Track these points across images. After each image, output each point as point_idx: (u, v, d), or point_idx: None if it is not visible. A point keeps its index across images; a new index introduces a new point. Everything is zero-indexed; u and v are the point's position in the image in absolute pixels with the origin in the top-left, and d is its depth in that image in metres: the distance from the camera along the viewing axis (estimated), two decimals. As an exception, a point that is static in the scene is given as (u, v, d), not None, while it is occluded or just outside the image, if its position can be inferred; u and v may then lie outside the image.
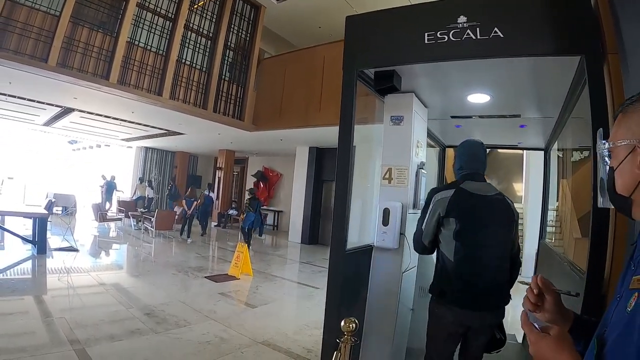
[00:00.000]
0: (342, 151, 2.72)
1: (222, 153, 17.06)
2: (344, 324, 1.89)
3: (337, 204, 2.75)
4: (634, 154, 0.95)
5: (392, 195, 3.26)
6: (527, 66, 2.69)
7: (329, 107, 9.58)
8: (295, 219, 14.57)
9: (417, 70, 2.90)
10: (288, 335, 5.12)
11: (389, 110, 3.32)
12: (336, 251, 2.74)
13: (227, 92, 11.28)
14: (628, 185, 0.98)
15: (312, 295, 7.42)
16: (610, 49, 2.09)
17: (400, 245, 3.21)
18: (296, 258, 11.84)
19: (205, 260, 10.25)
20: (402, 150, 3.28)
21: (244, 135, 12.53)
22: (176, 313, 5.52)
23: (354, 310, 3.07)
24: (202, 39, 10.85)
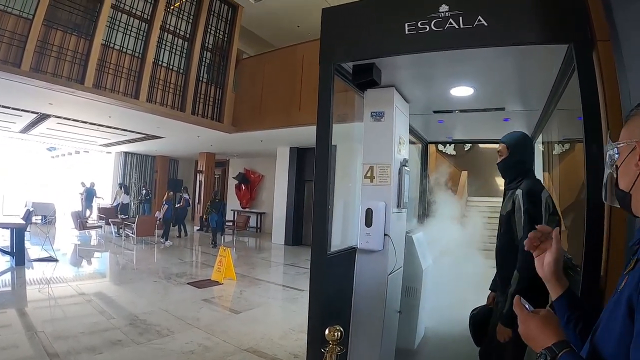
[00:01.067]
0: (320, 150, 2.57)
1: (203, 156, 16.79)
2: (329, 333, 1.77)
3: (317, 206, 2.60)
4: (634, 153, 1.05)
5: (375, 194, 3.13)
6: (512, 56, 2.59)
7: (310, 107, 9.41)
8: (278, 221, 14.45)
9: (397, 63, 2.77)
10: (274, 341, 4.99)
11: (369, 105, 3.19)
12: (317, 255, 2.58)
13: (206, 93, 11.10)
14: (628, 181, 1.07)
15: (296, 298, 7.28)
16: (600, 36, 2.00)
17: (385, 246, 3.08)
18: (280, 260, 11.71)
19: (187, 265, 10.03)
20: (384, 147, 3.15)
21: (223, 137, 12.35)
22: (159, 322, 5.35)
23: (339, 316, 2.93)
24: (179, 40, 10.67)
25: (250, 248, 13.88)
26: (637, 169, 1.04)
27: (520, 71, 2.88)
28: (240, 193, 18.33)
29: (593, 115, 1.96)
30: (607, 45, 1.94)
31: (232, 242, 14.59)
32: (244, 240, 15.25)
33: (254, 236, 16.54)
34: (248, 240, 15.29)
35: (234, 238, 15.27)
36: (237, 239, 15.29)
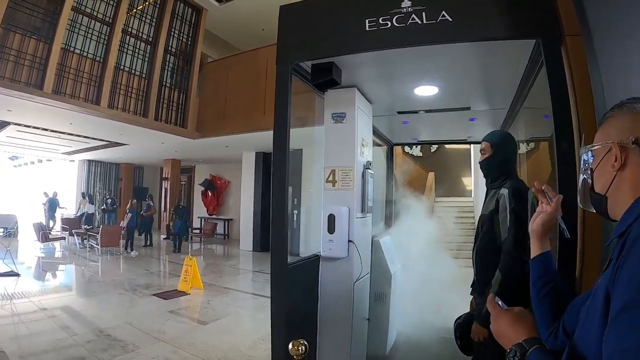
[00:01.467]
0: (277, 154, 2.43)
1: (168, 163, 16.38)
2: (292, 347, 1.66)
3: (275, 214, 2.45)
4: (609, 154, 1.05)
5: (337, 199, 3.00)
6: (478, 53, 2.51)
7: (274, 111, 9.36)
8: (245, 227, 14.22)
9: (358, 61, 2.65)
10: (242, 352, 4.82)
11: (329, 107, 3.06)
12: (277, 266, 2.43)
13: (169, 98, 10.82)
14: (604, 183, 1.07)
15: (265, 306, 7.07)
16: (569, 30, 1.93)
17: (350, 253, 2.96)
18: (248, 267, 11.52)
19: (154, 276, 9.71)
20: (346, 150, 3.03)
21: (188, 143, 12.06)
22: (123, 337, 5.10)
23: (304, 328, 2.80)
24: (142, 43, 10.36)
25: (217, 255, 13.60)
26: (614, 170, 1.03)
27: (486, 69, 2.80)
28: (207, 200, 18.02)
29: (563, 113, 1.90)
30: (576, 40, 1.89)
31: (199, 249, 14.32)
32: (211, 247, 14.95)
33: (221, 243, 16.23)
34: (216, 248, 14.98)
35: (201, 245, 15.00)
36: (205, 246, 15.01)
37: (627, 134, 1.02)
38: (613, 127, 1.07)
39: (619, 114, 1.08)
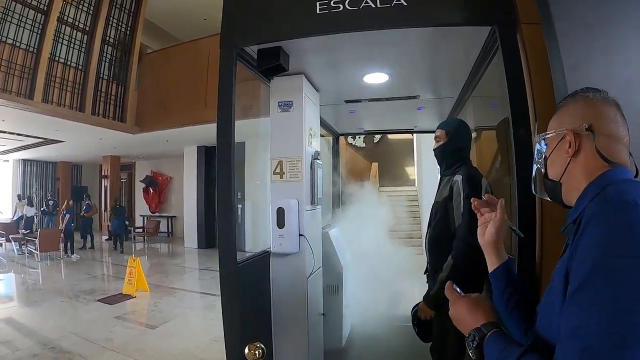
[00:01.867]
0: (222, 146, 2.25)
1: (107, 160, 15.68)
2: (249, 352, 1.63)
3: (221, 210, 2.28)
4: (563, 141, 1.11)
5: (286, 191, 2.86)
6: (430, 40, 2.46)
7: (216, 103, 9.11)
8: (189, 224, 13.99)
9: (307, 47, 2.52)
10: (195, 355, 4.69)
11: (276, 95, 2.91)
12: (226, 265, 2.27)
13: (107, 91, 10.33)
14: (558, 170, 1.13)
15: (215, 304, 6.91)
16: (526, 19, 1.90)
17: (301, 248, 2.84)
18: (194, 265, 11.31)
19: (97, 280, 9.26)
20: (294, 140, 2.89)
21: (128, 139, 11.59)
22: (69, 348, 4.81)
23: (258, 329, 2.66)
24: (78, 33, 9.83)
25: (162, 254, 13.26)
26: (568, 157, 1.09)
27: (438, 57, 2.76)
28: (149, 197, 17.46)
29: (519, 101, 1.86)
30: (534, 29, 1.86)
31: (143, 249, 13.84)
32: (155, 246, 14.52)
33: (165, 241, 15.85)
34: (160, 246, 14.60)
35: (144, 245, 14.49)
36: (148, 245, 14.53)
37: (580, 121, 1.09)
38: (566, 115, 1.14)
39: (572, 103, 1.15)
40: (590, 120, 1.07)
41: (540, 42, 1.83)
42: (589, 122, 1.07)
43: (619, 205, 0.90)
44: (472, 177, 2.51)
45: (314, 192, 3.00)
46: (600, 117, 1.09)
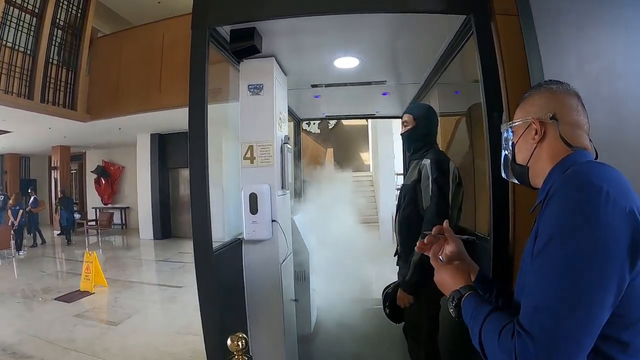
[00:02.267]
0: (195, 131, 2.17)
1: (57, 150, 14.94)
2: (232, 343, 1.56)
3: (195, 196, 2.21)
4: (529, 129, 1.24)
5: (257, 177, 2.80)
6: (402, 26, 2.50)
7: (171, 88, 8.95)
8: (144, 214, 13.65)
9: (281, 29, 2.46)
10: (162, 350, 4.56)
11: (245, 78, 2.82)
12: (202, 254, 2.21)
13: (56, 77, 9.80)
14: (525, 155, 1.27)
15: (176, 296, 6.82)
16: (501, 9, 1.97)
17: (274, 234, 2.80)
18: (151, 257, 11.09)
19: (52, 278, 8.82)
20: (264, 124, 2.83)
21: (78, 127, 11.07)
22: (30, 352, 4.55)
23: (235, 318, 2.63)
24: (27, 15, 9.20)
25: (117, 247, 12.86)
26: (534, 142, 1.22)
27: (408, 42, 2.80)
28: (101, 188, 16.85)
29: (493, 89, 1.95)
30: (510, 20, 1.94)
31: (97, 242, 13.39)
32: (109, 239, 14.07)
33: (120, 234, 15.39)
34: (114, 239, 14.15)
35: (98, 238, 14.01)
36: (102, 238, 14.05)
37: (545, 111, 1.21)
38: (532, 105, 1.26)
39: (537, 94, 1.27)
40: (554, 110, 1.20)
41: (515, 32, 1.90)
42: (553, 111, 1.20)
43: (577, 185, 1.02)
44: (440, 160, 2.58)
45: (284, 176, 2.95)
46: (563, 107, 1.21)
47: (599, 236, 0.93)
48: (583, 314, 0.92)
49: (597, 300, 0.92)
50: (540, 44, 1.83)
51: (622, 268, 0.93)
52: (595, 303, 0.92)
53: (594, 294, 0.92)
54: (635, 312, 0.97)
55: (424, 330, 2.72)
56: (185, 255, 10.82)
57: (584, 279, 0.92)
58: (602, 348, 0.97)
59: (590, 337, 0.93)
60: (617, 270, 0.92)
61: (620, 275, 0.93)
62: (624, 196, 0.98)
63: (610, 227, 0.94)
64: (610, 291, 0.92)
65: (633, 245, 0.93)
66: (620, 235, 0.93)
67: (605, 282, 0.92)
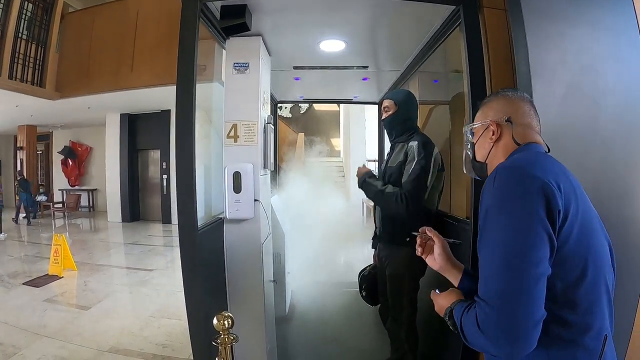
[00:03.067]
0: (183, 110, 2.14)
1: (23, 129, 14.39)
2: (218, 323, 1.56)
3: (181, 175, 2.19)
4: (487, 130, 1.39)
5: (240, 156, 2.78)
6: (390, 12, 2.54)
7: (144, 67, 8.78)
8: (112, 196, 13.33)
9: (270, 7, 2.44)
10: (135, 334, 4.48)
11: (231, 56, 2.79)
12: (187, 233, 2.19)
13: (25, 53, 9.38)
14: (483, 153, 1.42)
15: (146, 279, 6.72)
16: (488, 3, 2.09)
17: (256, 213, 2.80)
18: (120, 240, 10.82)
19: (19, 261, 8.45)
20: (249, 103, 2.80)
21: (46, 105, 10.64)
22: (0, 339, 4.37)
23: (216, 298, 2.63)
24: None
25: (85, 230, 12.50)
26: (492, 142, 1.38)
27: (395, 29, 2.86)
28: (68, 169, 16.35)
29: (478, 80, 2.07)
30: (497, 13, 2.06)
31: (64, 225, 13.04)
32: (76, 222, 13.69)
33: (87, 216, 14.97)
34: (82, 222, 13.77)
35: (65, 221, 13.65)
36: (70, 221, 13.67)
37: (501, 114, 1.36)
38: (490, 109, 1.41)
39: (495, 100, 1.42)
40: (509, 114, 1.36)
41: (501, 26, 2.03)
42: (508, 114, 1.36)
43: (504, 168, 1.21)
44: (427, 143, 2.68)
45: (266, 156, 2.95)
46: (517, 111, 1.37)
47: (521, 204, 1.10)
48: (526, 271, 1.06)
49: (533, 257, 1.06)
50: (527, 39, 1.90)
51: (546, 227, 1.08)
52: (533, 259, 1.06)
53: (529, 253, 1.07)
54: (570, 274, 1.12)
55: (405, 312, 2.78)
56: (155, 238, 10.70)
57: (517, 242, 1.08)
58: (553, 311, 1.10)
59: (538, 289, 1.06)
60: (542, 229, 1.07)
61: (546, 233, 1.08)
62: (544, 172, 1.15)
63: (528, 195, 1.10)
64: (543, 247, 1.07)
65: (548, 208, 1.08)
66: (537, 202, 1.09)
67: (535, 240, 1.07)
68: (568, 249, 1.11)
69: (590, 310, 1.13)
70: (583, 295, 1.12)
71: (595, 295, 1.14)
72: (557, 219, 1.09)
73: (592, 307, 1.13)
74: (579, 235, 1.12)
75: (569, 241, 1.11)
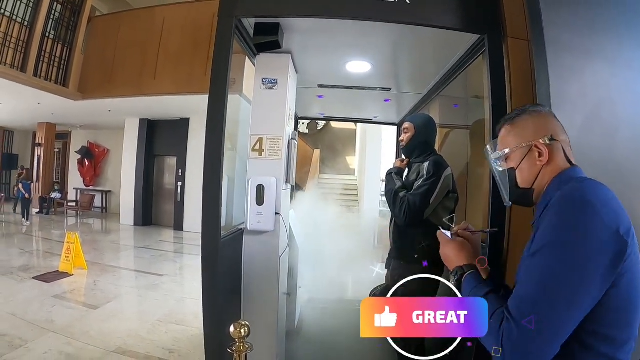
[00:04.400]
0: (213, 120, 2.20)
1: (42, 127, 14.57)
2: (235, 330, 1.58)
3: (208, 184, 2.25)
4: (531, 153, 1.28)
5: (264, 169, 2.84)
6: (418, 37, 2.59)
7: (166, 75, 8.97)
8: (126, 199, 13.37)
9: (303, 27, 2.52)
10: (142, 337, 4.49)
11: (260, 71, 2.87)
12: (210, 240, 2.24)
13: (51, 52, 9.58)
14: (529, 178, 1.31)
15: (156, 284, 6.74)
16: (512, 33, 2.14)
17: (276, 226, 2.84)
18: (131, 243, 10.88)
19: (30, 256, 8.60)
20: (276, 118, 2.88)
21: (68, 105, 10.82)
22: (7, 331, 4.41)
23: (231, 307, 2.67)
24: None
25: (96, 231, 12.63)
26: (540, 164, 1.27)
27: (420, 53, 2.94)
28: (84, 169, 16.54)
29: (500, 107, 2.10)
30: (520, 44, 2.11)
31: (76, 224, 13.18)
32: (89, 222, 13.84)
33: (99, 217, 15.09)
34: (94, 222, 13.91)
35: (77, 220, 13.81)
36: (82, 221, 13.85)
37: (543, 133, 1.27)
38: (525, 129, 1.31)
39: (529, 118, 1.32)
40: (550, 131, 1.28)
41: (524, 56, 2.07)
42: (550, 132, 1.28)
43: (573, 201, 1.13)
44: (438, 162, 2.80)
45: (289, 171, 3.01)
46: (556, 127, 1.30)
47: (585, 251, 1.06)
48: (562, 311, 1.06)
49: (575, 302, 1.06)
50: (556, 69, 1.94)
51: (602, 281, 1.06)
52: (573, 304, 1.06)
53: (573, 297, 1.06)
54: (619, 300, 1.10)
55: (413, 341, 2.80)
56: (166, 244, 10.72)
57: (566, 283, 1.06)
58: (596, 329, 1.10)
59: (566, 330, 1.07)
60: (596, 282, 1.06)
61: (598, 287, 1.06)
62: (615, 216, 1.09)
63: (596, 244, 1.06)
64: (587, 298, 1.06)
65: (613, 263, 1.06)
66: (604, 253, 1.05)
67: (584, 289, 1.06)
68: (621, 283, 1.09)
69: (629, 324, 1.13)
70: (626, 312, 1.12)
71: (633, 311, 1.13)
72: (620, 266, 1.07)
73: (632, 321, 1.13)
74: (631, 268, 1.10)
75: (624, 277, 1.09)
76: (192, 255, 9.17)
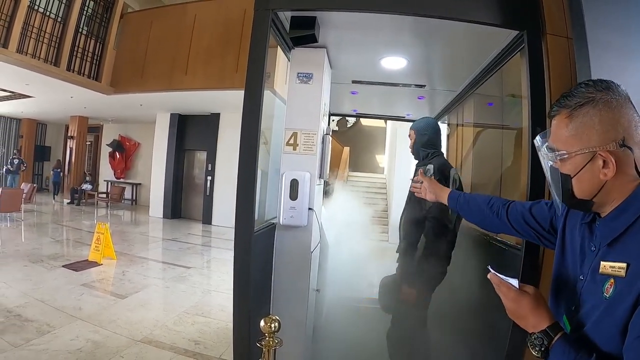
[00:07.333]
0: (249, 113, 2.20)
1: (75, 120, 15.04)
2: (265, 325, 1.55)
3: (242, 177, 2.24)
4: (593, 162, 1.01)
5: (298, 164, 2.83)
6: (454, 33, 2.54)
7: (197, 71, 9.09)
8: (155, 192, 13.64)
9: (338, 21, 2.49)
10: (169, 327, 4.55)
11: (296, 66, 2.85)
12: (243, 233, 2.23)
13: (84, 48, 9.85)
14: (590, 191, 1.04)
15: (184, 276, 6.82)
16: (551, 29, 2.07)
17: (309, 221, 2.83)
18: (159, 235, 11.08)
19: (60, 245, 8.87)
20: (310, 113, 2.86)
21: (100, 99, 11.11)
22: (36, 316, 4.53)
23: (262, 301, 2.66)
24: None
25: (126, 222, 12.88)
26: (605, 178, 1.00)
27: (457, 50, 2.88)
28: (115, 162, 16.93)
29: (539, 106, 2.03)
30: (560, 41, 2.04)
31: (106, 215, 13.45)
32: (118, 213, 14.14)
33: (129, 209, 15.44)
34: (123, 214, 14.22)
35: (107, 211, 14.10)
36: (112, 212, 14.15)
37: (611, 136, 0.99)
38: (588, 128, 1.02)
39: (591, 114, 1.02)
40: (622, 134, 1.00)
41: (564, 53, 2.00)
42: (621, 135, 1.00)
43: None
44: (442, 165, 2.94)
45: (323, 167, 3.00)
46: (630, 125, 1.01)
47: None
48: None
49: None
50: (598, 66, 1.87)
51: None
52: None
53: None
54: None
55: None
56: (194, 237, 10.85)
57: None
58: None
59: None
60: None
61: None
62: None
63: None
64: None
65: None
66: None
67: None
68: None
69: None
70: None
71: None
72: None
73: None
74: None
75: None
76: (220, 248, 9.29)
